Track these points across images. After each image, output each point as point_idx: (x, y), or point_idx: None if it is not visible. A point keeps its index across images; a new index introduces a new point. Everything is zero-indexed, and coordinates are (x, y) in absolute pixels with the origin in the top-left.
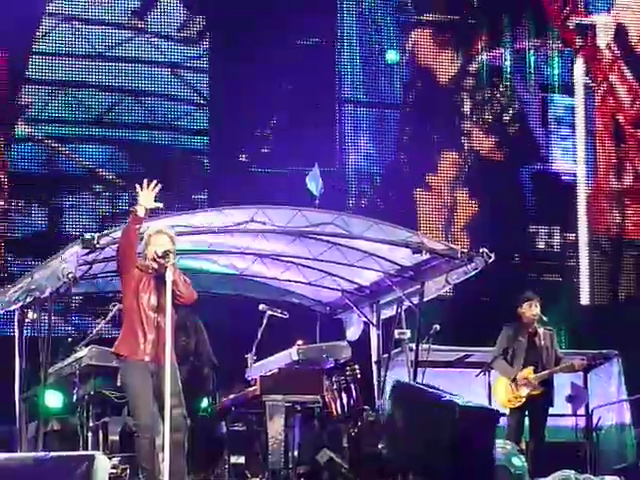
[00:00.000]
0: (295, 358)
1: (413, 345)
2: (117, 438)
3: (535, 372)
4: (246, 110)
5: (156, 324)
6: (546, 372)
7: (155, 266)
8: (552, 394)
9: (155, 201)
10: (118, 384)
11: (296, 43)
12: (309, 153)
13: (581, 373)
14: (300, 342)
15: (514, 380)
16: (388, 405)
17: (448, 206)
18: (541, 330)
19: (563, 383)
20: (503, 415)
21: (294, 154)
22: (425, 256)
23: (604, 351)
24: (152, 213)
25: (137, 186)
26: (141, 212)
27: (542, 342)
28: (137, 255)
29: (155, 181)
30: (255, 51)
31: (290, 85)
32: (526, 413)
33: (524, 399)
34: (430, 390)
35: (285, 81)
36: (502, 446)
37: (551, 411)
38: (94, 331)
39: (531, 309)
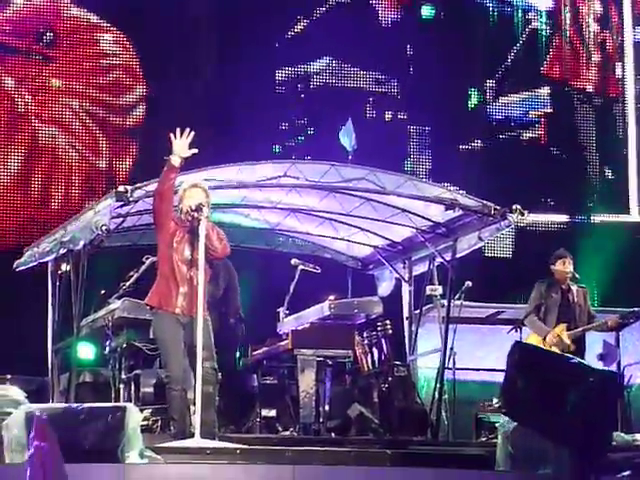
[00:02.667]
0: (327, 313)
1: (444, 301)
2: (149, 390)
3: (568, 329)
4: None
5: (189, 277)
6: (579, 329)
7: (189, 219)
8: (584, 352)
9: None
10: (150, 336)
11: None
12: None
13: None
14: (332, 297)
15: (546, 337)
16: (508, 367)
17: None
18: (574, 287)
19: (595, 341)
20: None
21: None
22: (458, 212)
23: (637, 309)
24: (186, 166)
25: (171, 135)
26: (176, 161)
27: (575, 299)
28: (173, 208)
29: (188, 129)
30: None
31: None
32: None
33: None
34: (555, 353)
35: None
36: None
37: None
38: (127, 284)
39: (564, 266)
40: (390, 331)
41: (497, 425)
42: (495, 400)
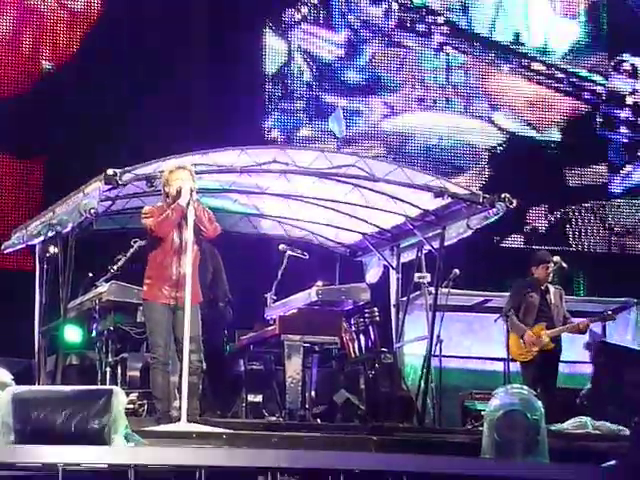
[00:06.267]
0: (314, 299)
1: (432, 289)
2: (135, 373)
3: (547, 329)
4: None
5: (179, 264)
6: (557, 330)
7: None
8: (560, 351)
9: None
10: (138, 320)
11: None
12: None
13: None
14: (320, 283)
15: (522, 337)
16: (594, 367)
17: None
18: (552, 288)
19: None
20: None
21: None
22: (446, 200)
23: (622, 299)
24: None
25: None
26: (184, 202)
27: (553, 300)
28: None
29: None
30: None
31: None
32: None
33: (535, 353)
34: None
35: None
36: (519, 391)
37: (569, 358)
38: (115, 267)
39: (546, 271)
40: (377, 318)
41: (483, 413)
42: (581, 401)
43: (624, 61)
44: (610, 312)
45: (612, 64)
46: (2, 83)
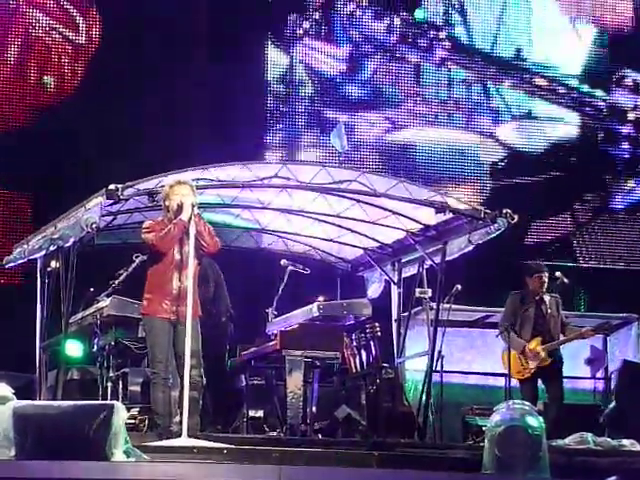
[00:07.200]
0: (316, 314)
1: (434, 304)
2: (136, 389)
3: (543, 342)
4: None
5: (179, 279)
6: (555, 343)
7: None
8: (561, 363)
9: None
10: (139, 335)
11: None
12: None
13: (601, 336)
14: (321, 298)
15: (522, 352)
16: (618, 385)
17: None
18: (547, 298)
19: (582, 346)
20: None
21: None
22: (448, 216)
23: (624, 314)
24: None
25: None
26: (186, 217)
27: (549, 310)
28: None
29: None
30: None
31: None
32: (538, 381)
33: (533, 370)
34: None
35: None
36: (520, 406)
37: (570, 373)
38: (116, 282)
39: (541, 281)
40: (379, 333)
41: (484, 428)
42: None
43: (626, 77)
44: (609, 322)
45: (614, 80)
46: (10, 115)
